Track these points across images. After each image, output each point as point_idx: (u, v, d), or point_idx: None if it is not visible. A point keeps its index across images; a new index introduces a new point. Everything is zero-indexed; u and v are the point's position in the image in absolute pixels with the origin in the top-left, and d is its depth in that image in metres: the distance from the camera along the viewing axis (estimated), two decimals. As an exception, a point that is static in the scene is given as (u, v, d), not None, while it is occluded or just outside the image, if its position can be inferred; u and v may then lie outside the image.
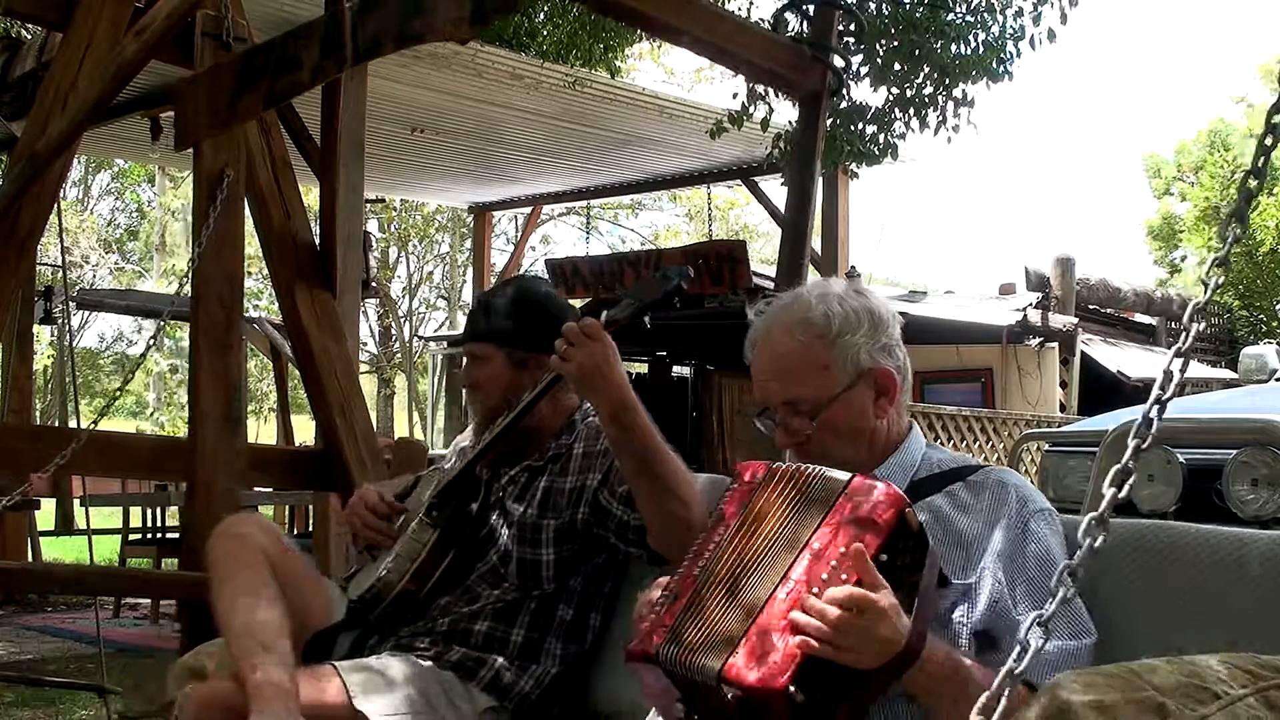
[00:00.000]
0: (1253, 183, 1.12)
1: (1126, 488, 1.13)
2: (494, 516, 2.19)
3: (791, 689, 1.32)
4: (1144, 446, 1.13)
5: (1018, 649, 1.14)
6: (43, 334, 13.80)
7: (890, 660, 1.34)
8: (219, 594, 1.97)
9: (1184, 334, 1.16)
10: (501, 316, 2.24)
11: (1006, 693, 1.10)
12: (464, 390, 2.33)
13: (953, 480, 1.67)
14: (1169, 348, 1.12)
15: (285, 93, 2.93)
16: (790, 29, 5.09)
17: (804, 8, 4.71)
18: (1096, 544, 1.13)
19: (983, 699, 1.11)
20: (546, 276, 10.09)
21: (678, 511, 1.89)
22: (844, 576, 1.35)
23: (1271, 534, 1.58)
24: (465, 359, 2.29)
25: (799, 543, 1.41)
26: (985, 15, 6.43)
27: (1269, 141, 1.11)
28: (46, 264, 9.27)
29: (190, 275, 3.32)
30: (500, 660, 2.07)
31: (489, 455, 2.20)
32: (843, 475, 1.44)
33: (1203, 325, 1.15)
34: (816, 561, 1.38)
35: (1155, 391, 1.15)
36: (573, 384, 1.94)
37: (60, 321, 8.41)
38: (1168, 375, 1.15)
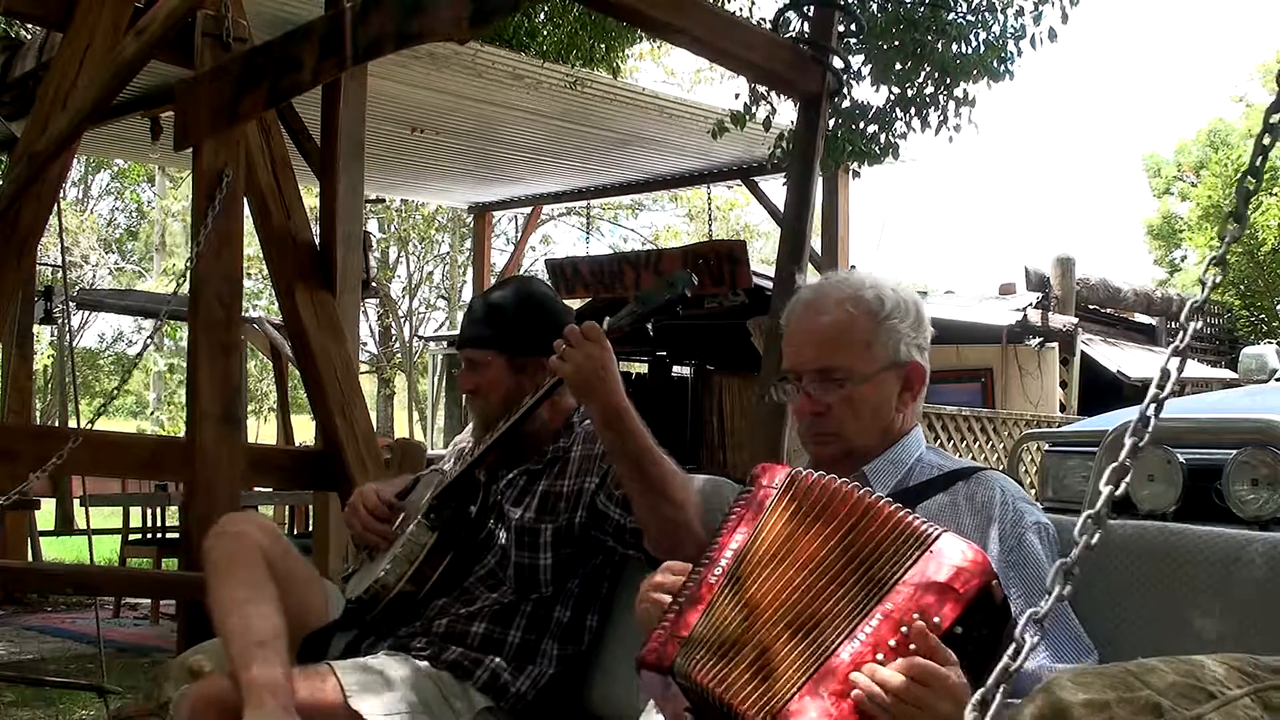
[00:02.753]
0: (1251, 182, 1.12)
1: (1124, 485, 1.13)
2: (492, 520, 2.18)
3: None
4: (1141, 445, 1.13)
5: (1012, 646, 1.12)
6: (43, 334, 13.79)
7: None
8: (216, 592, 1.96)
9: (1181, 332, 1.15)
10: (501, 321, 2.21)
11: (1001, 689, 1.09)
12: (464, 395, 2.30)
13: (948, 484, 1.64)
14: (1169, 347, 1.12)
15: (286, 92, 2.92)
16: (792, 29, 5.09)
17: (804, 8, 4.71)
18: (1093, 541, 1.13)
19: (978, 695, 1.10)
20: (546, 276, 10.09)
21: (672, 515, 1.89)
22: (913, 646, 1.27)
23: (1269, 535, 1.57)
24: (464, 364, 2.26)
25: (871, 597, 1.32)
26: (986, 14, 6.43)
27: (1267, 141, 1.11)
28: (46, 264, 9.27)
29: (188, 275, 3.30)
30: (497, 661, 2.06)
31: (489, 459, 2.19)
32: (933, 528, 1.35)
33: (1200, 324, 1.14)
34: (886, 622, 1.30)
35: (1153, 390, 1.14)
36: (570, 387, 1.93)
37: (60, 321, 8.40)
38: (1165, 374, 1.15)
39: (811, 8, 4.26)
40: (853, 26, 5.13)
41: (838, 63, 3.97)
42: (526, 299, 2.25)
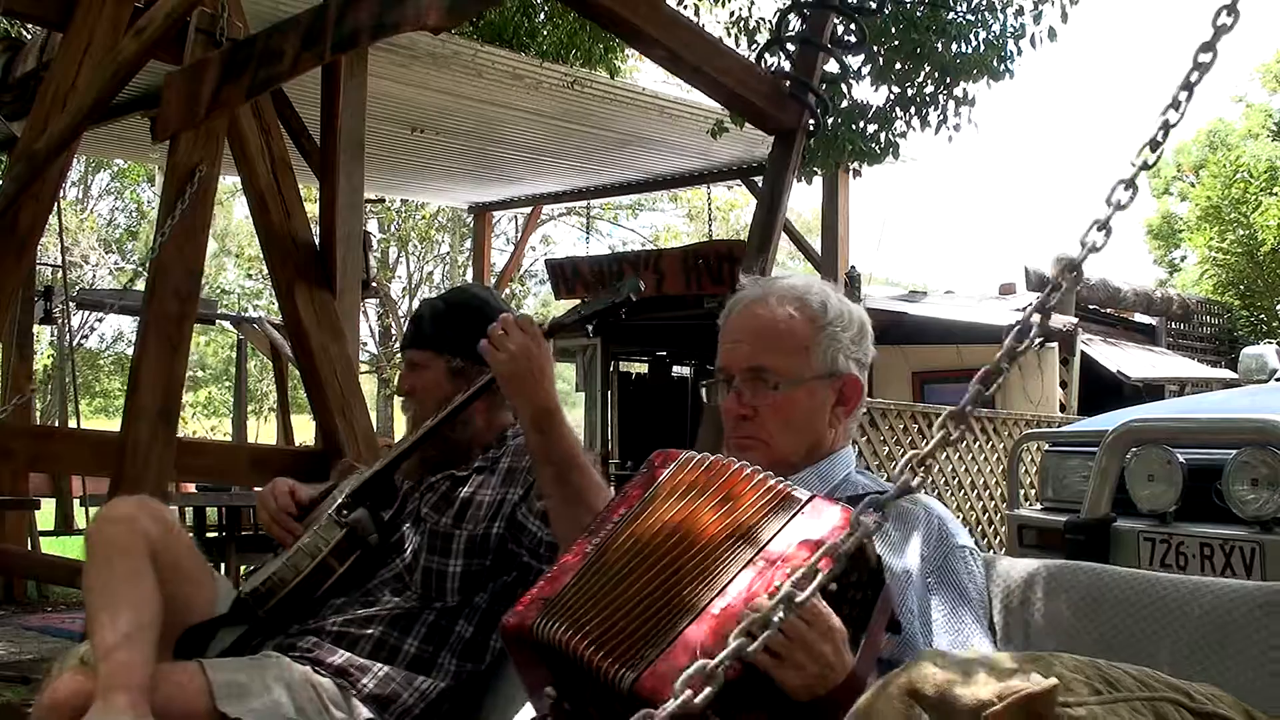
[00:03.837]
0: (1172, 115, 1.12)
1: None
2: (408, 524, 2.13)
3: (707, 711, 1.18)
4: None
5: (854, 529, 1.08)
6: (43, 334, 13.79)
7: (825, 695, 1.22)
8: (91, 579, 1.86)
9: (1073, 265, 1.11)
10: (442, 324, 2.18)
11: (824, 561, 1.07)
12: (400, 398, 2.26)
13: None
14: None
15: (265, 83, 2.93)
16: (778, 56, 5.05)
17: (786, 47, 4.68)
18: (953, 434, 1.10)
19: (803, 567, 1.07)
20: (546, 276, 10.09)
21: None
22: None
23: (1194, 578, 1.55)
24: (404, 366, 2.23)
25: (742, 556, 1.30)
26: (986, 14, 6.44)
27: (1194, 78, 1.11)
28: (46, 264, 9.28)
29: (148, 266, 3.27)
30: (385, 670, 1.98)
31: (413, 457, 2.15)
32: (802, 493, 1.35)
33: (1106, 237, 1.10)
34: (759, 579, 1.27)
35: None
36: (500, 380, 1.89)
37: (60, 321, 8.40)
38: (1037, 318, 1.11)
39: (794, 46, 4.23)
40: (852, 26, 5.12)
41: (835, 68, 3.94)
42: (469, 304, 2.21)
